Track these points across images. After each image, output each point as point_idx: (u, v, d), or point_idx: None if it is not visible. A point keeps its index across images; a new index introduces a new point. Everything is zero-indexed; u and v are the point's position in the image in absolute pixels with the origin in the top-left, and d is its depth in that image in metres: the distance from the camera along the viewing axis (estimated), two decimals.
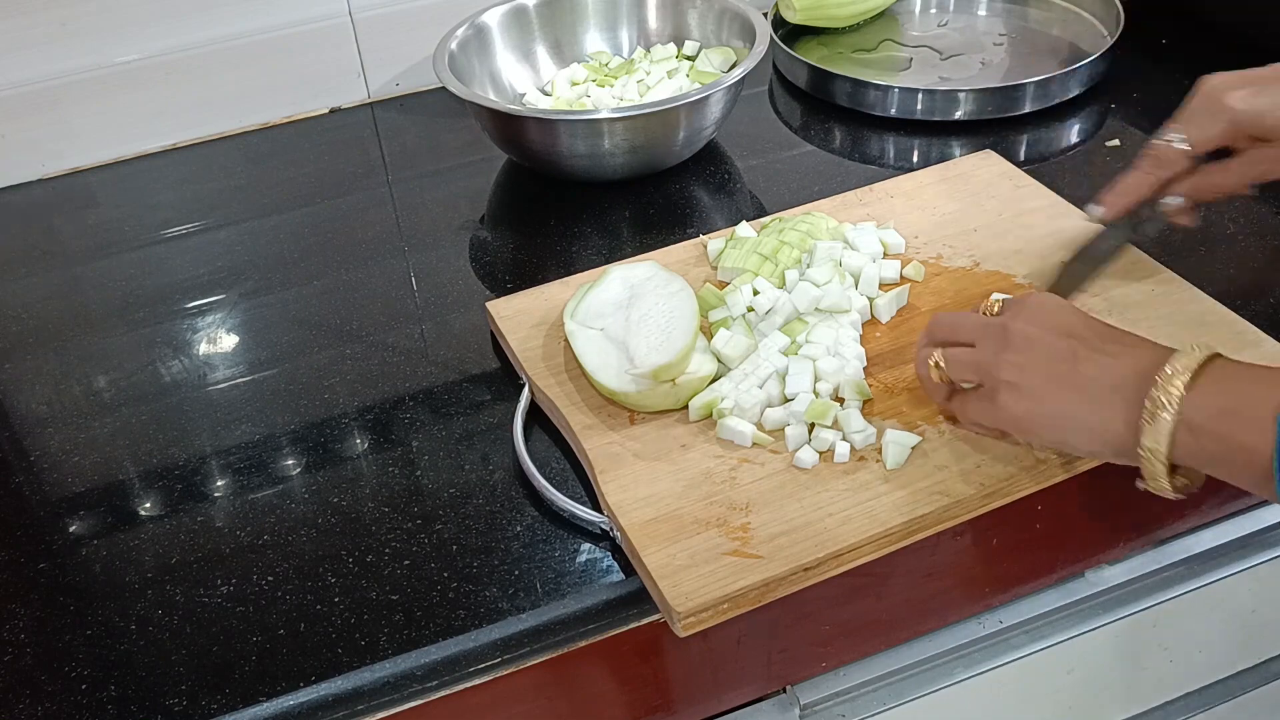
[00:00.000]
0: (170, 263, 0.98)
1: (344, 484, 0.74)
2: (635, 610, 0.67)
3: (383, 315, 0.89)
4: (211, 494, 0.75)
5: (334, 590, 0.67)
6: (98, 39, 1.05)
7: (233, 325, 0.90)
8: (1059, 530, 0.77)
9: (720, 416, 0.72)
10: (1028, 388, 0.64)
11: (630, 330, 0.76)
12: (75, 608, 0.68)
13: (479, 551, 0.69)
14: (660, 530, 0.66)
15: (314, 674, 0.63)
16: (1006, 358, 0.65)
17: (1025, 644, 0.85)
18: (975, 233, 0.88)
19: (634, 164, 0.98)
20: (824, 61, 1.13)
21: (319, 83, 1.15)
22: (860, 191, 0.93)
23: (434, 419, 0.79)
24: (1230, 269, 0.86)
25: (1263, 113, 0.73)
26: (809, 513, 0.67)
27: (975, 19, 1.23)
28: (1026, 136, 1.04)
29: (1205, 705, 0.99)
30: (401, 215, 1.02)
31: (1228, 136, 0.75)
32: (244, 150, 1.12)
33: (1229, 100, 0.73)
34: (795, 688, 0.79)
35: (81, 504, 0.75)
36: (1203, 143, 0.75)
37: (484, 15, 1.08)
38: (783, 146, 1.07)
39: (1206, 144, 0.76)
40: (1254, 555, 0.90)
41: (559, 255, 0.94)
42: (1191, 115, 0.76)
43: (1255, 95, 0.73)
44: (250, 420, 0.80)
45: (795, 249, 0.83)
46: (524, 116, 0.96)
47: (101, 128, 1.09)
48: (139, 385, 0.85)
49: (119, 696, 0.63)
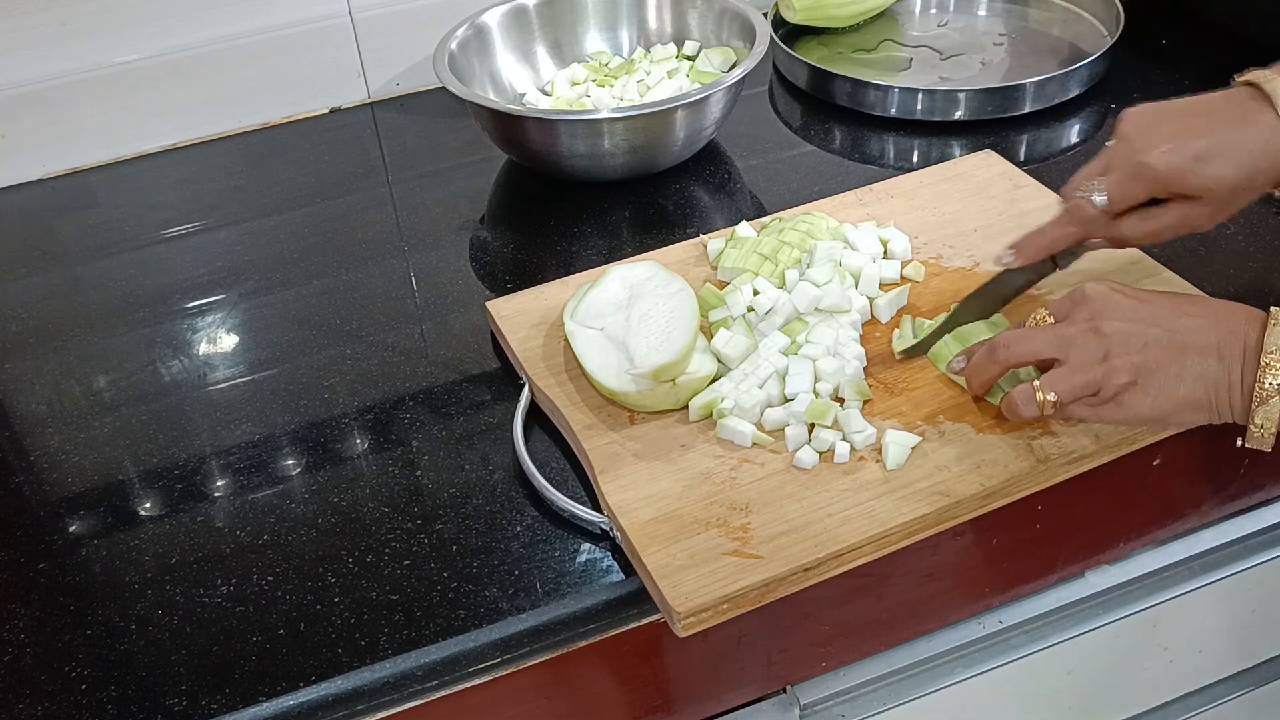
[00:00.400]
0: (170, 263, 0.98)
1: (344, 484, 0.75)
2: (635, 610, 0.67)
3: (383, 315, 0.89)
4: (211, 494, 0.75)
5: (334, 590, 0.67)
6: (98, 39, 1.05)
7: (233, 325, 0.90)
8: (1059, 530, 0.77)
9: (720, 416, 0.72)
10: (1147, 383, 0.64)
11: (630, 330, 0.76)
12: (75, 608, 0.68)
13: (479, 551, 0.69)
14: (660, 530, 0.66)
15: (314, 674, 0.63)
16: (1116, 362, 0.64)
17: (1025, 644, 0.85)
18: (975, 233, 0.88)
19: (634, 164, 0.98)
20: (824, 61, 1.13)
21: (319, 83, 1.15)
22: (860, 191, 0.93)
23: (434, 419, 0.79)
24: (1230, 269, 0.86)
25: (1184, 172, 0.68)
26: (809, 513, 0.67)
27: (975, 19, 1.23)
28: (1026, 136, 1.04)
29: (1205, 705, 0.99)
30: (401, 215, 1.02)
31: (1149, 194, 0.71)
32: (244, 150, 1.12)
33: (1150, 159, 0.69)
34: (795, 688, 0.79)
35: (81, 504, 0.75)
36: (1121, 202, 0.71)
37: (484, 15, 1.08)
38: (783, 146, 1.07)
39: (1125, 203, 0.71)
40: (1254, 555, 0.90)
41: (559, 255, 0.94)
42: (1110, 169, 0.72)
43: (1176, 152, 0.68)
44: (250, 420, 0.80)
45: (795, 249, 0.83)
46: (524, 116, 0.96)
47: (101, 128, 1.09)
48: (139, 385, 0.85)
49: (119, 696, 0.63)
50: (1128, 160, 0.70)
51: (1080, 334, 0.66)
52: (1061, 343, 0.66)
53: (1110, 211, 0.72)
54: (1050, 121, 1.06)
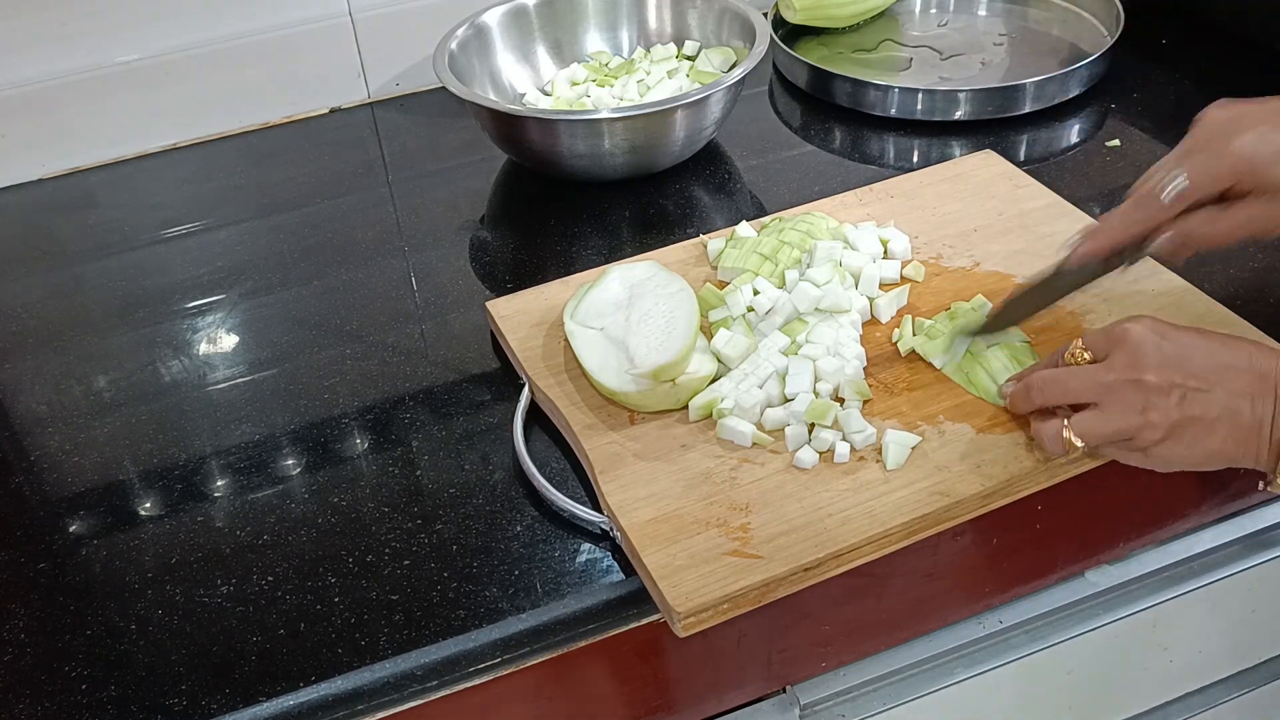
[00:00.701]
0: (170, 263, 0.98)
1: (344, 484, 0.75)
2: (635, 610, 0.67)
3: (383, 315, 0.89)
4: (211, 494, 0.75)
5: (334, 590, 0.67)
6: (98, 39, 1.05)
7: (233, 325, 0.90)
8: (1059, 530, 0.77)
9: (720, 416, 0.72)
10: (1179, 437, 0.64)
11: (630, 330, 0.76)
12: (75, 608, 0.68)
13: (479, 551, 0.69)
14: (660, 530, 0.66)
15: (314, 674, 0.63)
16: (1153, 417, 0.64)
17: (1025, 644, 0.84)
18: (975, 233, 0.88)
19: (634, 164, 0.98)
20: (824, 61, 1.13)
21: (319, 83, 1.15)
22: (860, 191, 0.93)
23: (434, 419, 0.79)
24: (1230, 269, 0.86)
25: (1271, 161, 0.65)
26: (809, 513, 0.67)
27: (975, 19, 1.23)
28: (1026, 136, 1.04)
29: (1205, 705, 0.99)
30: (401, 215, 1.02)
31: (1229, 181, 0.68)
32: (244, 150, 1.12)
33: (1237, 145, 0.66)
34: (795, 688, 0.79)
35: (81, 504, 0.75)
36: (1202, 187, 0.68)
37: (484, 15, 1.08)
38: (783, 146, 1.07)
39: (1205, 189, 0.68)
40: (1254, 555, 0.90)
41: (559, 255, 0.94)
42: (1192, 153, 0.69)
43: (1263, 141, 0.66)
44: (250, 420, 0.80)
45: (795, 249, 0.83)
46: (524, 116, 0.96)
47: (101, 128, 1.09)
48: (139, 385, 0.85)
49: (119, 696, 0.63)
50: (1212, 145, 0.68)
51: (1119, 384, 0.65)
52: (1099, 390, 0.66)
53: (1187, 199, 0.69)
54: (1050, 121, 1.06)
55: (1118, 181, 0.97)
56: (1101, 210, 0.91)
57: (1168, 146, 0.72)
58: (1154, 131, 0.78)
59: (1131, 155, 1.00)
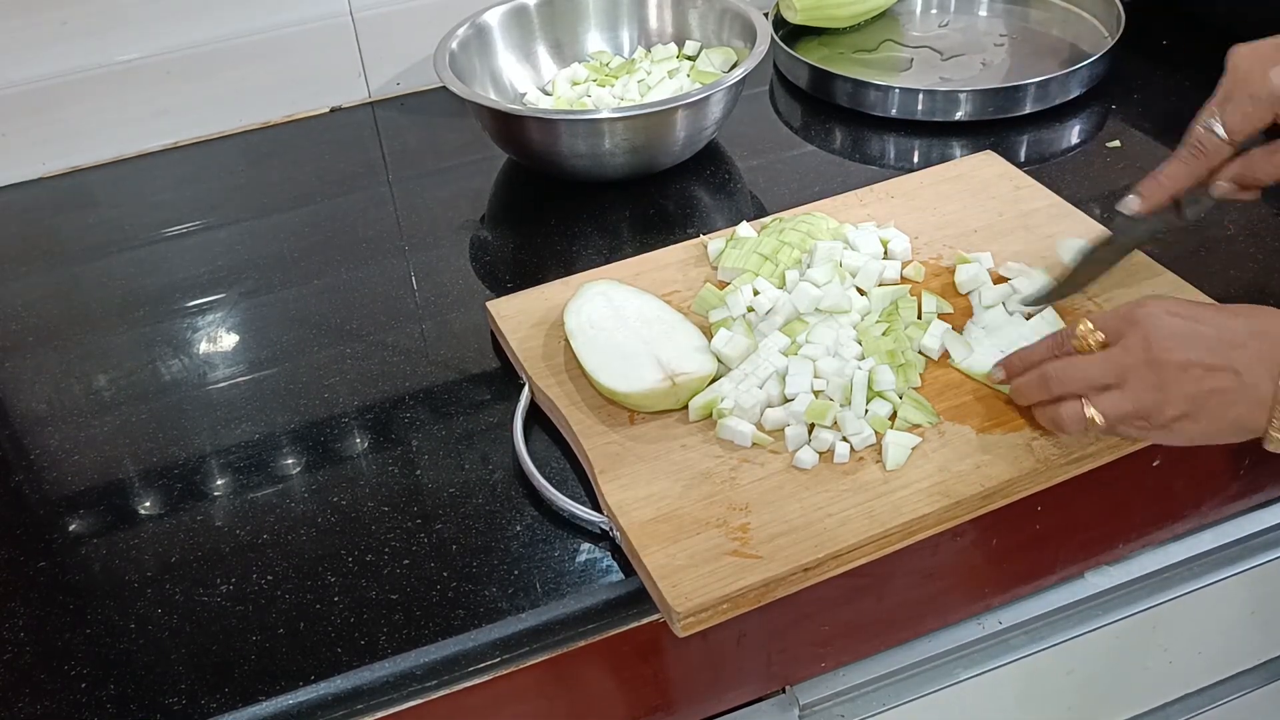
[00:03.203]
0: (170, 262, 0.98)
1: (344, 483, 0.74)
2: (635, 610, 0.67)
3: (383, 315, 0.89)
4: (211, 493, 0.75)
5: (333, 590, 0.67)
6: (98, 39, 1.05)
7: (233, 325, 0.90)
8: (1059, 530, 0.77)
9: (720, 416, 0.72)
10: (1199, 412, 0.64)
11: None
12: (75, 606, 0.68)
13: (479, 551, 0.69)
14: (660, 530, 0.66)
15: (314, 673, 0.63)
16: (1172, 396, 0.64)
17: (1025, 645, 0.84)
18: (975, 233, 0.88)
19: (634, 164, 0.98)
20: (825, 62, 1.13)
21: (319, 82, 1.15)
22: (860, 192, 0.93)
23: (434, 419, 0.79)
24: (1230, 269, 0.86)
25: None
26: (809, 513, 0.67)
27: (976, 19, 1.23)
28: (1027, 137, 1.04)
29: (1205, 706, 0.99)
30: (402, 215, 1.02)
31: (1269, 118, 0.68)
32: (244, 150, 1.12)
33: (1272, 78, 0.67)
34: (795, 688, 0.79)
35: (81, 503, 0.75)
36: (1240, 129, 0.69)
37: (485, 15, 1.08)
38: (783, 147, 1.07)
39: (1245, 130, 0.69)
40: (1254, 556, 0.90)
41: (559, 255, 0.94)
42: (1227, 97, 0.70)
43: None
44: (250, 420, 0.80)
45: (795, 249, 0.83)
46: (525, 116, 0.96)
47: (101, 128, 1.09)
48: (139, 384, 0.85)
49: (118, 695, 0.63)
50: (1243, 85, 0.69)
51: (1135, 365, 0.65)
52: (1118, 372, 0.65)
53: (1232, 141, 0.70)
54: (1051, 122, 1.06)
55: (1118, 182, 0.97)
56: (1102, 211, 0.91)
57: (1168, 147, 0.72)
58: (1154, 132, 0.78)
59: (1132, 156, 1.00)
